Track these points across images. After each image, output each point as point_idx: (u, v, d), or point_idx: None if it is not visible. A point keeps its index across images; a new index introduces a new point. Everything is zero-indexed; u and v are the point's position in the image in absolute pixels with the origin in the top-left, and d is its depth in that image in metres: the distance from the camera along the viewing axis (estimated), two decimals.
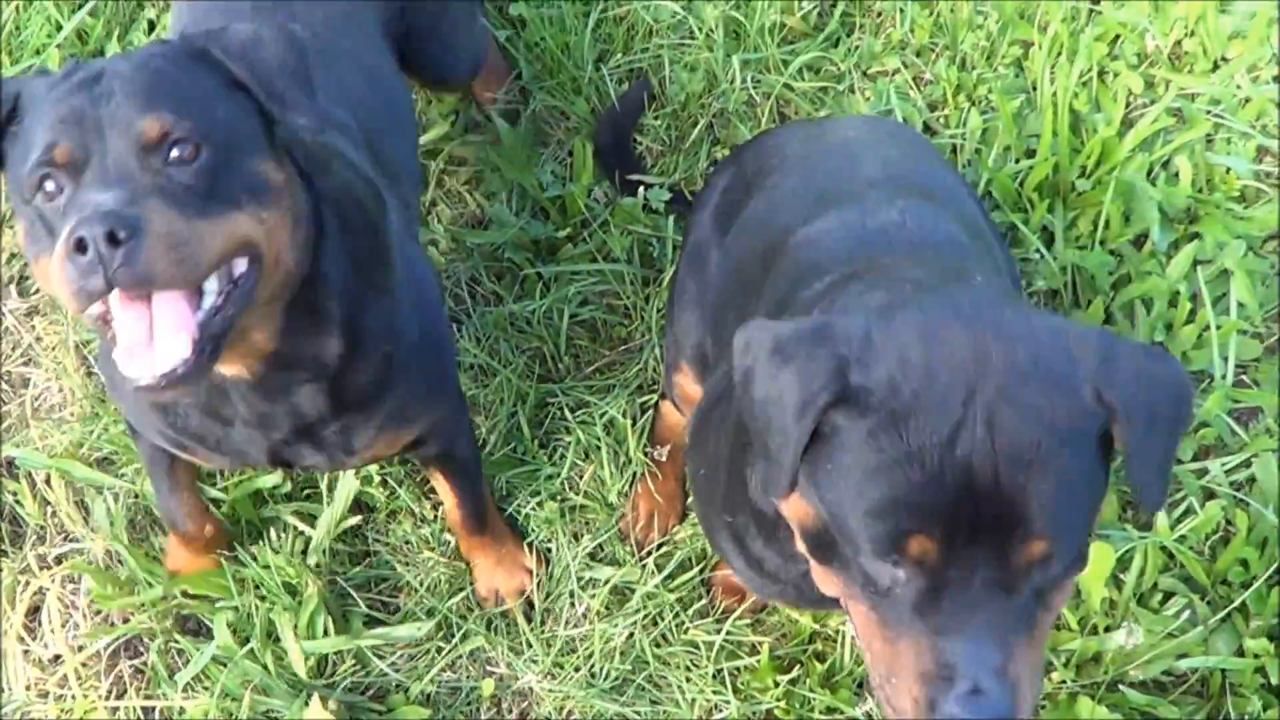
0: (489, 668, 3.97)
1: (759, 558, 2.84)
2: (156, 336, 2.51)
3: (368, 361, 3.12)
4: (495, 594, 4.09)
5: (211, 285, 2.57)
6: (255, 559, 3.97)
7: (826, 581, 2.33)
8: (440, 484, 3.88)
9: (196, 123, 2.58)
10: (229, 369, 2.88)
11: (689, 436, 3.28)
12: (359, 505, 4.11)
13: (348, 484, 4.03)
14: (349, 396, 3.13)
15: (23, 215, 2.65)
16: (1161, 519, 3.81)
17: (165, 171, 2.53)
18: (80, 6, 4.81)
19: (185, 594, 3.99)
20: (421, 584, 4.05)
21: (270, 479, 4.10)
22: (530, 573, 4.11)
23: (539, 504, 4.14)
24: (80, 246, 2.35)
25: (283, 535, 4.04)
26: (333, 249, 2.95)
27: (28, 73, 4.27)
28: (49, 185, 2.55)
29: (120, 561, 4.05)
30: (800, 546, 2.36)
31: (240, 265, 2.62)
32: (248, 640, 3.92)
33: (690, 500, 4.06)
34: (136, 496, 4.12)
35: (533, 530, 4.13)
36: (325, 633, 3.90)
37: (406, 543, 4.12)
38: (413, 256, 3.44)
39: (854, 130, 3.69)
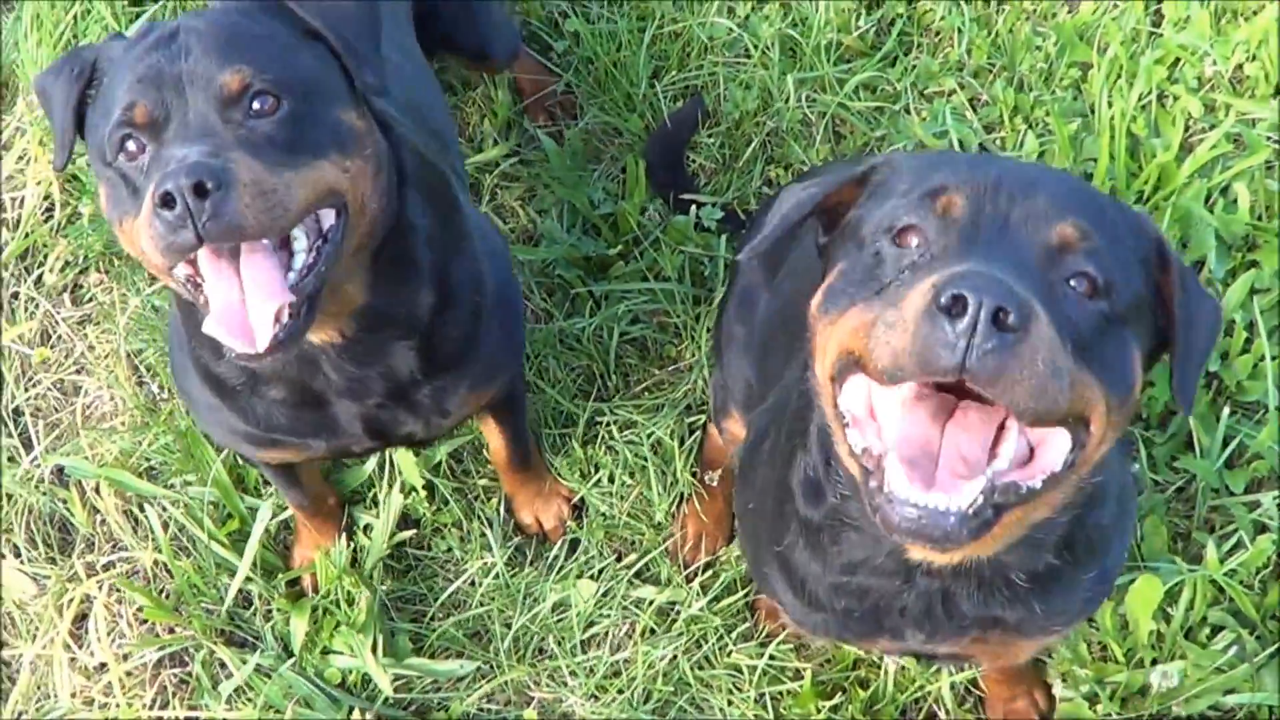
0: (530, 691, 3.97)
1: (804, 579, 2.81)
2: (250, 300, 2.52)
3: (457, 314, 3.13)
4: (537, 521, 4.17)
5: (300, 243, 2.59)
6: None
7: (837, 324, 2.18)
8: (490, 427, 3.89)
9: (276, 74, 2.60)
10: (319, 334, 2.88)
11: (737, 474, 3.26)
12: (405, 519, 4.12)
13: (395, 497, 4.04)
14: (441, 353, 3.14)
15: (104, 179, 2.65)
16: (1211, 552, 3.78)
17: (247, 124, 2.55)
18: (138, 16, 4.83)
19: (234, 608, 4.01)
20: (466, 600, 4.05)
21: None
22: (568, 499, 4.19)
23: (588, 524, 4.14)
24: (167, 200, 2.37)
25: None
26: (416, 198, 2.96)
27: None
28: (130, 145, 2.57)
29: (169, 573, 4.05)
30: (816, 317, 2.26)
31: (328, 218, 2.64)
32: (288, 649, 3.94)
33: (737, 535, 4.04)
34: (185, 507, 4.12)
35: (581, 550, 4.13)
36: (375, 648, 3.90)
37: (449, 551, 4.12)
38: (474, 215, 3.45)
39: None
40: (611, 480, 4.18)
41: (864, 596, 2.67)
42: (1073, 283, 2.07)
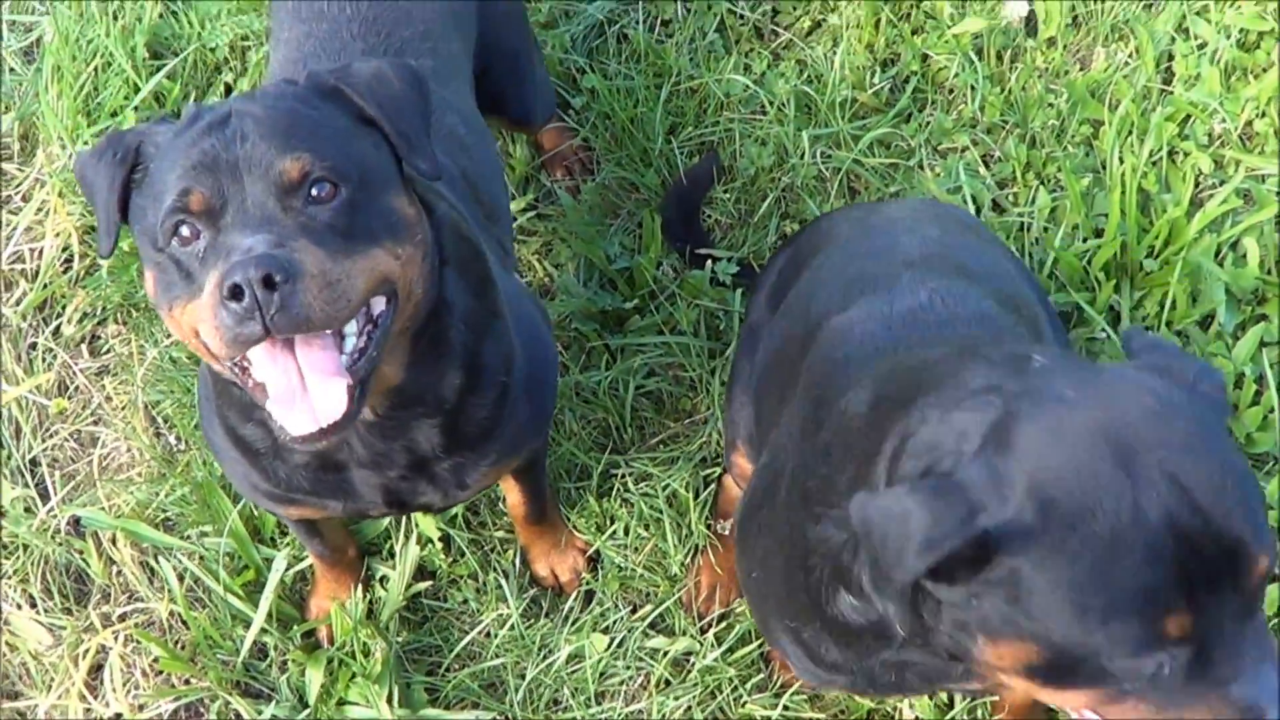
0: None
1: (831, 662, 2.79)
2: (310, 384, 2.53)
3: (484, 396, 3.13)
4: (553, 574, 4.17)
5: (351, 328, 2.59)
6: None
7: (1067, 700, 2.23)
8: (510, 483, 3.89)
9: (334, 160, 2.59)
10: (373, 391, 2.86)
11: (736, 537, 3.25)
12: (421, 570, 4.13)
13: (411, 549, 4.05)
14: (465, 432, 3.13)
15: (152, 263, 2.64)
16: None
17: (306, 211, 2.54)
18: (158, 70, 4.86)
19: (249, 661, 4.01)
20: (482, 652, 4.06)
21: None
22: (583, 552, 4.19)
23: (603, 576, 4.14)
24: (236, 293, 2.36)
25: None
26: (453, 277, 2.97)
27: (107, 132, 4.34)
28: (184, 230, 2.55)
29: (184, 624, 4.06)
30: (1019, 683, 2.26)
31: (378, 304, 2.64)
32: (304, 701, 3.95)
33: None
34: (201, 559, 4.13)
35: (595, 602, 4.13)
36: (390, 699, 3.90)
37: (465, 602, 4.14)
38: (512, 288, 3.45)
39: (901, 211, 3.70)
40: (627, 532, 4.18)
41: (904, 668, 2.67)
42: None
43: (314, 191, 2.56)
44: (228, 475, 3.42)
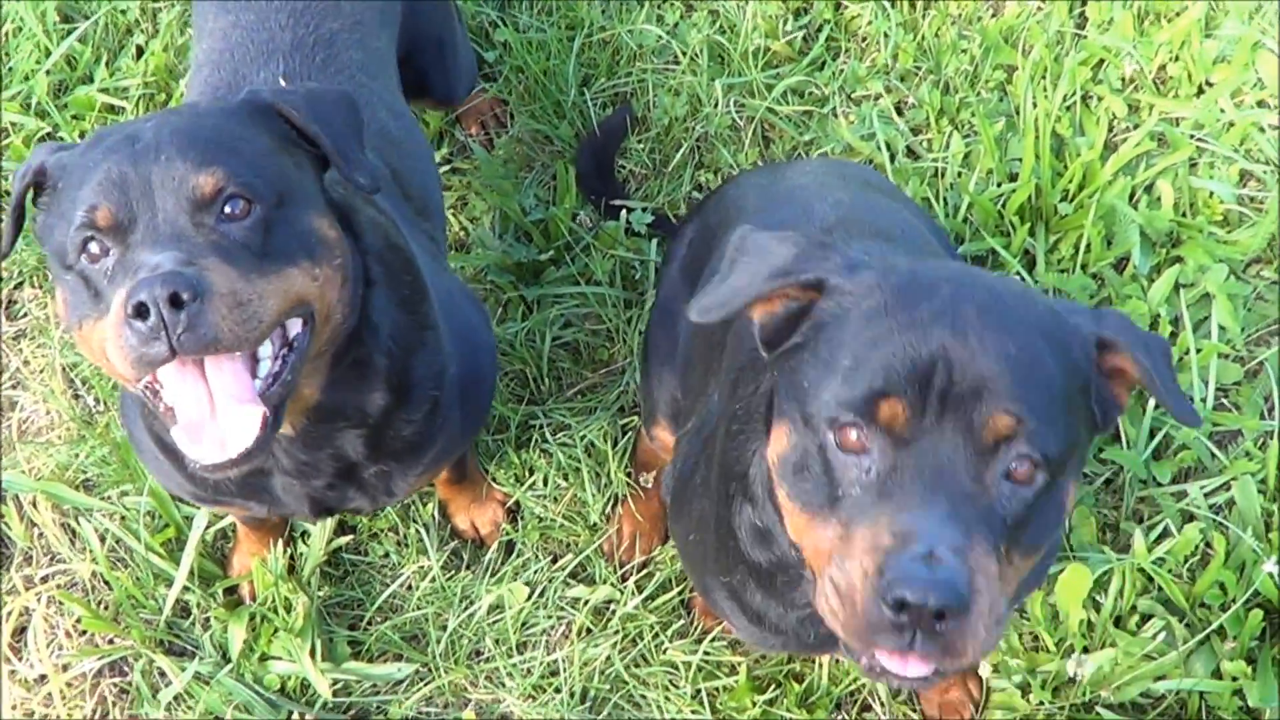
0: (468, 693, 3.98)
1: (758, 611, 2.83)
2: (220, 410, 2.48)
3: (413, 412, 3.09)
4: (474, 526, 4.18)
5: (265, 350, 2.54)
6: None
7: (802, 525, 2.26)
8: None
9: (249, 178, 2.54)
10: (290, 410, 2.80)
11: (670, 504, 3.27)
12: (342, 525, 4.14)
13: None
14: (391, 446, 3.10)
15: (62, 282, 2.59)
16: (1139, 541, 3.82)
17: (218, 229, 2.49)
18: (69, 33, 4.84)
19: (172, 617, 4.01)
20: (403, 604, 4.07)
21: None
22: (503, 504, 4.20)
23: (523, 527, 4.15)
24: (141, 311, 2.30)
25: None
26: (381, 298, 2.92)
27: (19, 98, 4.34)
28: (93, 247, 2.50)
29: (107, 584, 4.06)
30: (781, 493, 2.31)
31: (294, 326, 2.59)
32: (226, 656, 3.95)
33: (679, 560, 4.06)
34: (122, 519, 4.12)
35: (516, 553, 4.15)
36: (313, 653, 3.91)
37: (385, 556, 4.14)
38: (448, 287, 3.42)
39: (805, 176, 3.67)
40: (546, 483, 4.20)
41: (820, 623, 2.69)
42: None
43: (227, 209, 2.51)
44: (149, 471, 3.41)
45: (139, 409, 3.06)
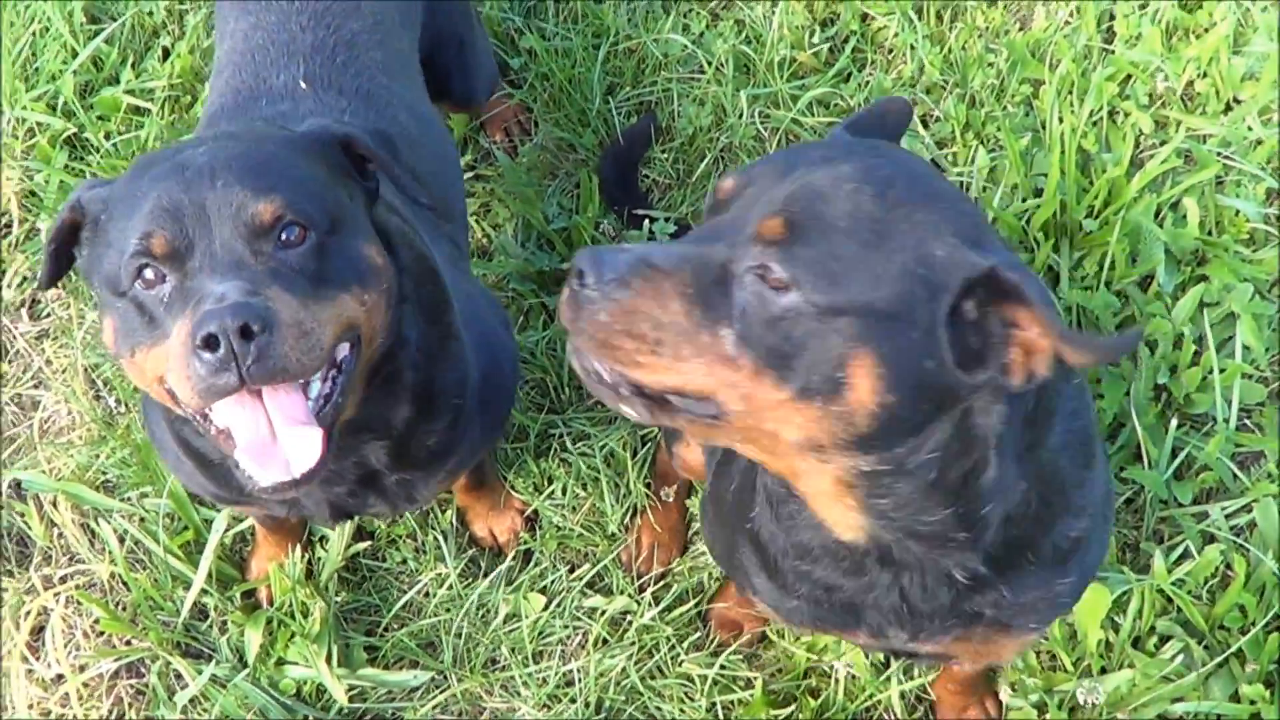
0: (483, 702, 3.98)
1: (775, 556, 2.80)
2: (280, 434, 2.51)
3: (436, 423, 3.11)
4: (491, 534, 4.19)
5: (316, 373, 2.56)
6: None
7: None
8: None
9: (306, 205, 2.57)
10: None
11: (716, 462, 3.23)
12: (360, 531, 4.14)
13: None
14: (414, 456, 3.12)
15: (112, 310, 2.61)
16: (1159, 562, 3.81)
17: (276, 255, 2.52)
18: (96, 34, 4.84)
19: (190, 620, 4.02)
20: (420, 611, 4.06)
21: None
22: (521, 512, 4.20)
23: (541, 536, 4.15)
24: (210, 343, 2.33)
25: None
26: (410, 312, 2.94)
27: (45, 98, 4.35)
28: (148, 274, 2.52)
29: (125, 585, 4.07)
30: None
31: (342, 349, 2.62)
32: (243, 660, 3.95)
33: (699, 530, 4.05)
34: (141, 520, 4.13)
35: (534, 562, 4.14)
36: (330, 658, 3.91)
37: (403, 562, 4.15)
38: (469, 292, 3.44)
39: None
40: (564, 492, 4.20)
41: (831, 590, 2.70)
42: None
43: (284, 235, 2.54)
44: (171, 472, 3.43)
45: (162, 411, 3.05)
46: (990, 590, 2.60)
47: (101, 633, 4.04)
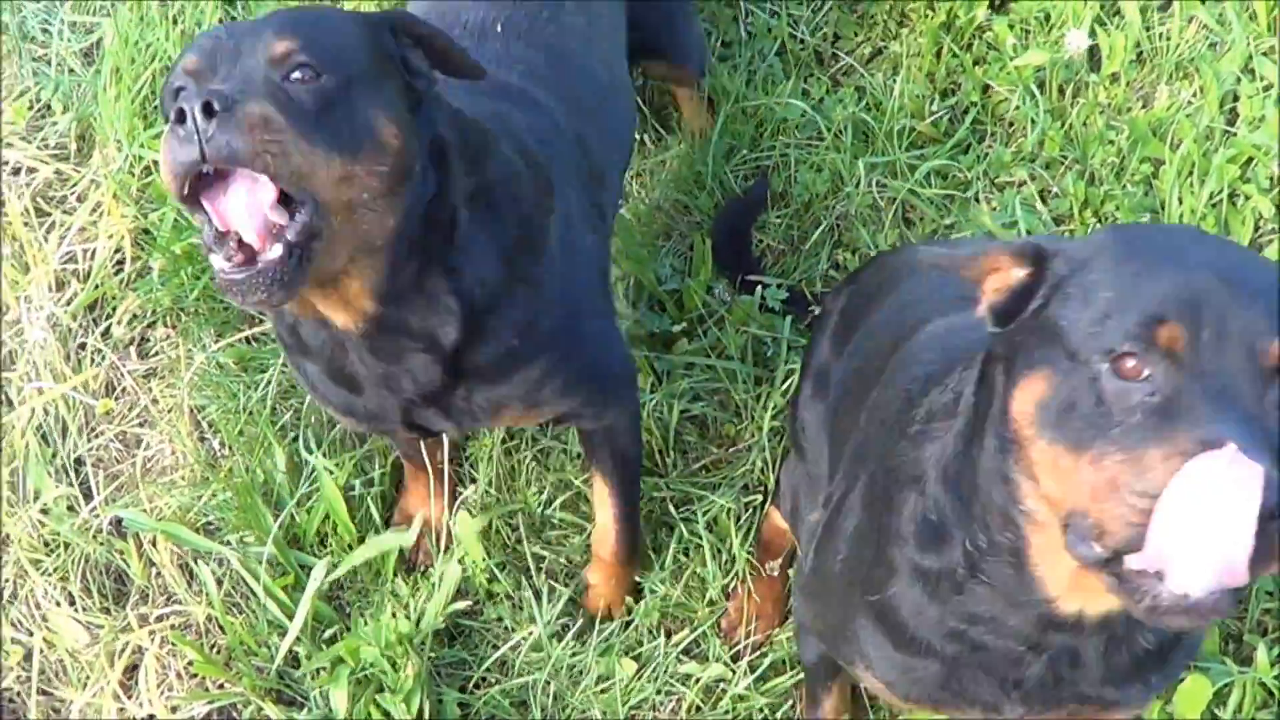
0: None
1: (909, 625, 2.74)
2: (234, 224, 2.62)
3: (487, 354, 3.19)
4: (606, 607, 4.17)
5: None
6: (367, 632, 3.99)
7: (1067, 467, 2.18)
8: (599, 488, 3.95)
9: (321, 53, 2.72)
10: (337, 315, 2.97)
11: (821, 528, 3.16)
12: (459, 591, 4.12)
13: (452, 569, 4.04)
14: (467, 372, 3.20)
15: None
16: (1262, 654, 3.74)
17: (283, 85, 2.67)
18: None
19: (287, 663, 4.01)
20: (513, 669, 4.05)
21: (388, 543, 4.14)
22: (636, 584, 4.19)
23: (645, 606, 4.12)
24: (180, 117, 2.49)
25: (383, 604, 4.07)
26: (479, 245, 3.07)
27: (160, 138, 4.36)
28: (184, 92, 2.68)
29: (220, 628, 4.07)
30: (1040, 444, 2.23)
31: (306, 209, 2.67)
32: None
33: (798, 604, 4.01)
34: (240, 561, 4.13)
35: (632, 627, 4.12)
36: (421, 714, 3.89)
37: (499, 618, 4.13)
38: (580, 246, 3.51)
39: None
40: (665, 564, 4.17)
41: (977, 650, 2.64)
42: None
43: (296, 74, 2.67)
44: (308, 392, 3.54)
45: (285, 330, 3.28)
46: (1142, 664, 2.61)
47: (195, 675, 4.05)
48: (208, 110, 2.48)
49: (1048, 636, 2.52)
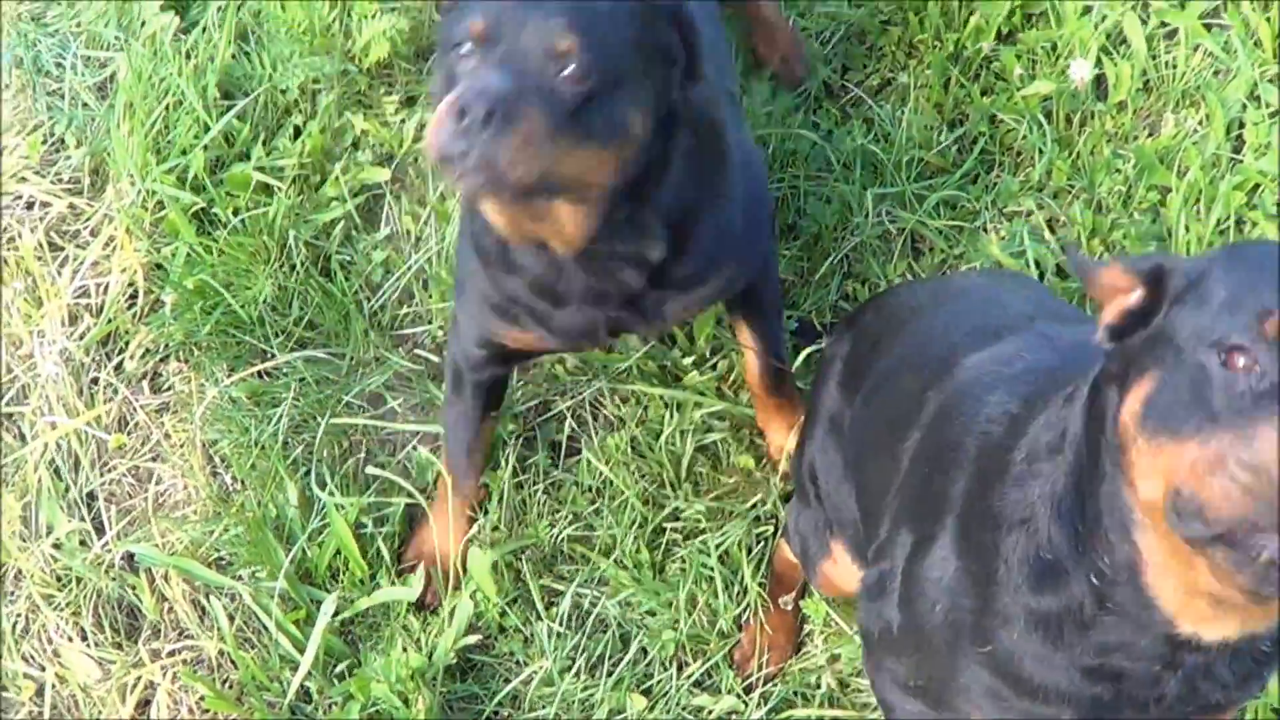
0: None
1: (1029, 676, 2.69)
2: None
3: (692, 261, 3.50)
4: (779, 448, 4.33)
5: None
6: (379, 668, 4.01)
7: (1169, 454, 2.20)
8: (743, 332, 4.15)
9: (598, 58, 2.85)
10: (556, 243, 3.23)
11: (900, 590, 3.07)
12: (470, 625, 4.13)
13: (465, 605, 4.05)
14: (669, 281, 3.48)
15: (441, 67, 3.02)
16: (1273, 686, 3.74)
17: (553, 81, 2.81)
18: (229, 110, 4.88)
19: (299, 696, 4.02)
20: (524, 704, 4.05)
21: (400, 592, 4.15)
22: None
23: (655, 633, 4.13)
24: (461, 112, 2.68)
25: (394, 639, 4.09)
26: (678, 173, 3.31)
27: (173, 173, 4.38)
28: (465, 48, 2.89)
29: (233, 663, 4.07)
30: (1140, 444, 2.26)
31: None
32: None
33: (809, 632, 4.00)
34: (253, 595, 4.14)
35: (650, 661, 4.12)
36: None
37: (510, 653, 4.13)
38: (741, 142, 3.72)
39: (979, 279, 3.87)
40: (674, 588, 4.17)
41: (1118, 679, 2.60)
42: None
43: (567, 70, 2.81)
44: (467, 290, 3.70)
45: (468, 219, 3.57)
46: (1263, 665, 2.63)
47: (207, 710, 4.06)
48: (488, 119, 2.66)
49: (1179, 655, 2.50)
